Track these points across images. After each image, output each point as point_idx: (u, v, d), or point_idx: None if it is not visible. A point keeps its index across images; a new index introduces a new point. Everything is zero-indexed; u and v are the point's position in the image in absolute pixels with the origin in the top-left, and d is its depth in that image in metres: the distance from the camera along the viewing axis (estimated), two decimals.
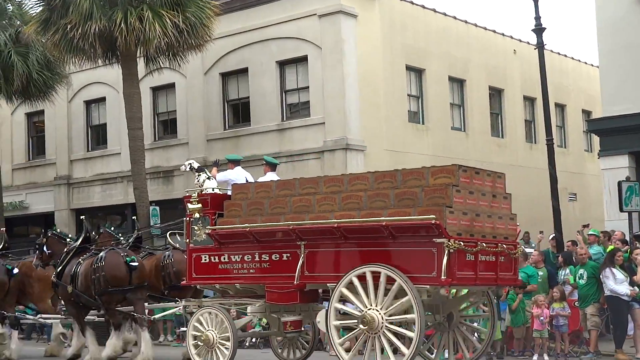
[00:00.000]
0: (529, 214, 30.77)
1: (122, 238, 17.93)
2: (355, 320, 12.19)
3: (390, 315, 11.90)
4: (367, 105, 26.12)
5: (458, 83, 29.97)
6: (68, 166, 32.47)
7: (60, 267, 16.99)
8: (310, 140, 26.03)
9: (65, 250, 17.37)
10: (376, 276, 12.00)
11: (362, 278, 12.13)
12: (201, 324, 13.76)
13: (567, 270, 17.56)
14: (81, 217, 20.06)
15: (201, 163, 27.59)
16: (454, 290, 13.30)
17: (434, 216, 11.64)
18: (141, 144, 25.63)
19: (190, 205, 14.27)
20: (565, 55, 35.41)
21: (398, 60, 27.45)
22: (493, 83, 31.30)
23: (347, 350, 12.56)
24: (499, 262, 12.67)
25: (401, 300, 11.83)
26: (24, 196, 33.68)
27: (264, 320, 15.87)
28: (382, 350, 11.95)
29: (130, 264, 16.08)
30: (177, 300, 16.21)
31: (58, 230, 19.79)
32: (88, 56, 25.30)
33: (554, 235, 21.17)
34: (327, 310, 12.51)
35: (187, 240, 14.39)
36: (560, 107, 34.60)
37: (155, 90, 29.95)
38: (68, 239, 18.03)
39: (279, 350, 15.48)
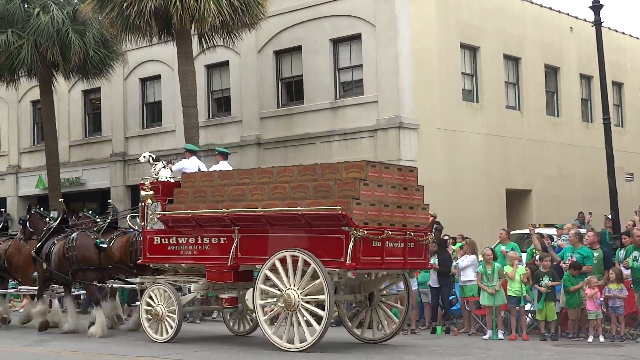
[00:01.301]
0: (585, 193, 30.59)
1: (99, 220, 19.32)
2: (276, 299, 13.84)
3: (306, 295, 13.61)
4: (421, 83, 25.99)
5: (513, 61, 29.66)
6: (124, 143, 32.85)
7: (39, 244, 18.25)
8: (363, 119, 25.99)
9: (44, 228, 18.62)
10: (295, 260, 13.70)
11: (282, 261, 13.82)
12: (152, 299, 15.60)
13: (624, 251, 17.35)
14: (60, 199, 21.40)
15: (254, 141, 28.00)
16: (373, 273, 14.68)
17: (340, 207, 13.27)
18: (195, 122, 25.81)
19: (143, 192, 16.02)
20: (623, 33, 34.87)
21: (452, 37, 27.25)
22: (549, 61, 30.92)
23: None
24: (407, 248, 14.27)
25: (315, 282, 13.49)
26: (80, 172, 34.16)
27: None
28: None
29: (100, 245, 17.35)
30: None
31: (41, 209, 21.06)
32: (144, 34, 25.51)
33: (609, 215, 20.90)
34: (253, 290, 14.26)
35: (142, 223, 16.06)
36: (618, 86, 34.13)
37: (210, 68, 30.12)
38: (48, 219, 19.28)
39: (231, 324, 17.35)
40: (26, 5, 29.57)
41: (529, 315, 17.65)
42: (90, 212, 21.29)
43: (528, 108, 29.82)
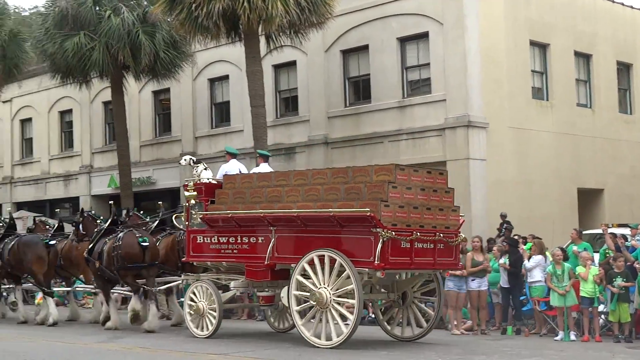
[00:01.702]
0: None
1: (149, 220, 19.98)
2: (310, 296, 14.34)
3: (338, 295, 14.11)
4: (490, 81, 25.74)
5: (584, 58, 29.21)
6: (193, 143, 33.19)
7: (91, 245, 18.91)
8: (431, 117, 25.85)
9: (95, 230, 19.42)
10: (328, 259, 14.14)
11: (314, 261, 14.29)
12: (195, 295, 16.15)
13: None
14: (110, 202, 22.04)
15: (322, 140, 28.06)
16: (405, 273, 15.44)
17: (368, 209, 13.67)
18: (263, 121, 25.96)
19: (186, 193, 16.63)
20: None
21: (521, 35, 26.93)
22: (621, 57, 30.37)
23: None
24: (437, 249, 14.60)
25: (346, 281, 13.98)
26: (151, 172, 34.61)
27: None
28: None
29: (142, 243, 17.89)
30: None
31: (92, 211, 22.03)
32: (212, 35, 25.73)
33: None
34: (288, 288, 14.78)
35: (187, 223, 16.69)
36: None
37: (277, 68, 30.26)
38: (99, 221, 20.11)
39: (271, 320, 17.86)
40: (97, 8, 30.11)
41: (602, 316, 17.38)
42: (141, 212, 21.91)
43: (600, 106, 29.32)
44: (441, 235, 14.66)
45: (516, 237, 20.26)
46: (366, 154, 27.12)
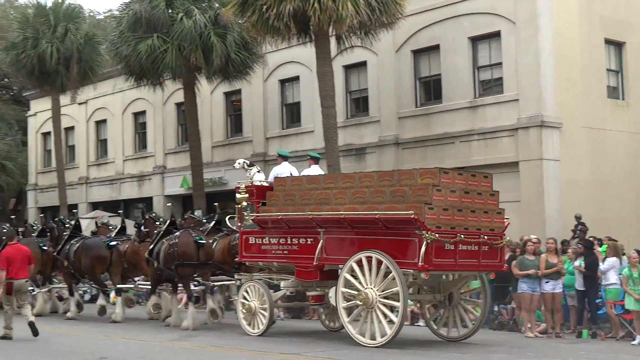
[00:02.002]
0: None
1: (205, 221, 20.76)
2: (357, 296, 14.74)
3: (384, 296, 14.49)
4: (563, 80, 25.36)
5: None
6: (264, 143, 33.39)
7: (151, 246, 19.82)
8: (503, 117, 25.56)
9: (155, 231, 20.32)
10: (372, 260, 14.56)
11: (361, 262, 14.72)
12: (247, 294, 16.80)
13: None
14: (168, 204, 24.06)
15: (392, 141, 27.98)
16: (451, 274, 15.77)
17: (412, 212, 14.04)
18: (334, 122, 25.96)
19: (238, 195, 17.15)
20: None
21: (596, 33, 26.47)
22: None
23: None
24: (481, 251, 14.90)
25: (392, 281, 14.34)
26: (222, 172, 34.91)
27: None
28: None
29: (199, 242, 18.70)
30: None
31: (153, 214, 22.87)
32: (283, 36, 25.83)
33: None
34: (336, 288, 15.23)
35: (239, 224, 17.29)
36: None
37: (347, 68, 30.26)
38: (158, 222, 20.95)
39: (323, 318, 18.41)
40: (170, 11, 30.46)
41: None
42: (196, 213, 23.07)
43: None
44: (485, 237, 14.98)
45: (591, 239, 19.93)
46: (437, 155, 26.96)
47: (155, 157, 38.81)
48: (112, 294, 22.60)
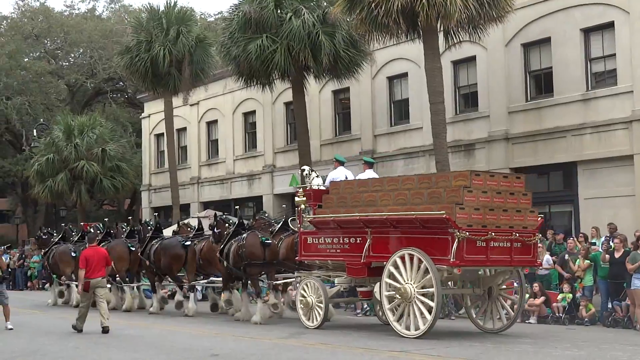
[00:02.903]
0: None
1: (273, 221, 21.68)
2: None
3: (421, 288, 15.57)
4: None
5: None
6: (372, 141, 33.42)
7: (222, 247, 21.02)
8: (617, 110, 24.95)
9: (225, 232, 21.36)
10: (411, 257, 15.72)
11: (402, 259, 15.86)
12: (305, 290, 17.98)
13: None
14: (236, 207, 24.60)
15: (502, 136, 27.61)
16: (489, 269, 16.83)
17: (444, 212, 15.18)
18: (443, 118, 25.80)
19: (297, 199, 18.59)
20: None
21: None
22: None
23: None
24: (513, 247, 15.89)
25: (426, 275, 15.49)
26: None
27: None
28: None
29: (265, 242, 19.84)
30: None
31: (224, 215, 23.60)
32: (391, 33, 25.81)
33: None
34: (380, 283, 16.32)
35: (299, 225, 18.62)
36: None
37: (456, 64, 30.04)
38: (228, 224, 21.90)
39: (380, 314, 19.00)
40: (279, 11, 30.77)
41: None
42: (266, 214, 24.40)
43: None
44: (517, 234, 15.93)
45: None
46: (548, 149, 26.52)
47: (264, 156, 39.29)
48: (223, 293, 22.86)
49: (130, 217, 34.76)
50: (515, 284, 17.80)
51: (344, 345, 15.26)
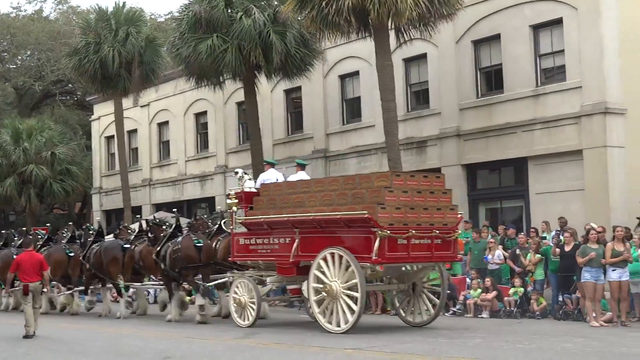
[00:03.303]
0: None
1: (210, 224, 21.85)
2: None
3: (346, 287, 16.15)
4: (628, 66, 24.86)
5: None
6: (325, 140, 33.39)
7: (158, 249, 21.57)
8: (566, 106, 25.20)
9: (162, 235, 22.02)
10: (335, 256, 16.36)
11: (327, 258, 16.45)
12: (238, 290, 18.39)
13: None
14: (173, 210, 25.32)
15: (454, 132, 27.76)
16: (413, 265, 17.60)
17: (366, 212, 15.86)
18: (394, 116, 25.84)
19: (229, 201, 19.20)
20: None
21: None
22: None
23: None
24: (434, 244, 16.58)
25: (351, 273, 16.13)
26: (284, 170, 34.81)
27: None
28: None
29: (197, 245, 20.45)
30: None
31: (157, 219, 24.52)
32: (342, 31, 25.79)
33: None
34: (308, 282, 16.88)
35: (231, 227, 19.10)
36: None
37: (407, 61, 30.12)
38: (164, 227, 22.64)
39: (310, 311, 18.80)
40: (229, 10, 30.59)
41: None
42: (205, 215, 24.75)
43: None
44: (437, 232, 16.58)
45: None
46: (499, 145, 26.71)
47: (217, 156, 39.08)
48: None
49: (70, 223, 34.24)
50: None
51: (299, 345, 15.20)
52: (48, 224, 35.10)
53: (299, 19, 27.86)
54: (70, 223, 35.16)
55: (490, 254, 22.03)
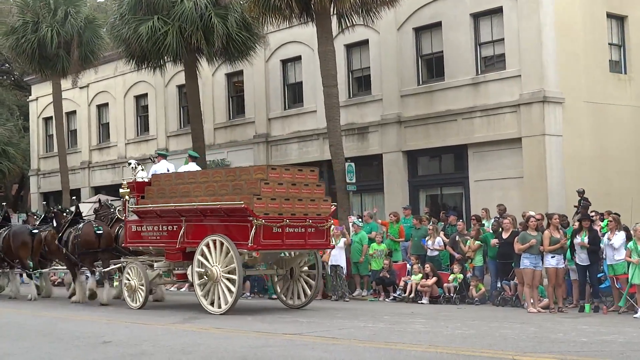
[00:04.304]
0: None
1: (117, 210, 22.20)
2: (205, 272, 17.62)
3: (226, 271, 17.25)
4: (566, 55, 25.29)
5: None
6: (266, 124, 33.34)
7: (60, 235, 22.38)
8: (505, 94, 25.51)
9: (63, 221, 22.84)
10: (216, 243, 17.43)
11: (209, 244, 17.52)
12: (129, 274, 19.41)
13: None
14: (73, 197, 26.19)
15: (395, 119, 27.94)
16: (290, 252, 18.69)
17: (243, 202, 16.98)
18: (336, 101, 25.91)
19: (121, 190, 20.25)
20: None
21: (598, 7, 26.39)
22: None
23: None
24: (308, 232, 17.77)
25: (230, 259, 17.21)
26: (225, 154, 34.89)
27: None
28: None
29: (97, 231, 21.23)
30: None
31: (59, 206, 25.54)
32: (284, 15, 25.75)
33: None
34: (192, 266, 18.01)
35: (125, 214, 20.11)
36: None
37: (349, 47, 30.18)
38: (65, 213, 23.69)
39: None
40: None
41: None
42: (110, 203, 25.34)
43: None
44: (311, 221, 17.75)
45: (592, 214, 19.92)
46: (439, 132, 26.94)
47: (157, 140, 38.76)
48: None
49: (22, 204, 33.79)
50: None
51: (239, 330, 15.16)
52: None
53: (241, 2, 27.72)
54: (4, 204, 34.71)
55: (430, 240, 22.26)
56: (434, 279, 21.17)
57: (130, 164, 20.98)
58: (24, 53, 36.86)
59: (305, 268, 19.22)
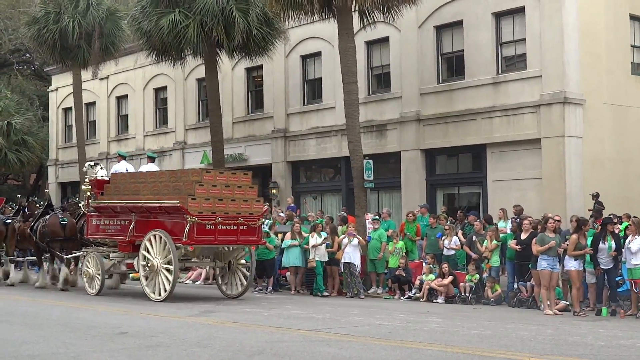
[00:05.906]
0: None
1: (81, 204, 23.90)
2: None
3: (165, 262, 19.17)
4: (587, 56, 25.15)
5: None
6: (285, 120, 33.34)
7: (33, 224, 24.66)
8: (526, 94, 25.41)
9: (35, 212, 25.24)
10: (157, 237, 19.36)
11: (151, 239, 19.49)
12: (88, 263, 21.48)
13: None
14: (46, 190, 26.76)
15: (414, 117, 27.88)
16: (227, 247, 20.60)
17: (178, 201, 19.00)
18: (355, 98, 25.84)
19: (83, 187, 22.71)
20: None
21: (621, 8, 26.24)
22: None
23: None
24: (240, 229, 19.68)
25: (168, 251, 19.14)
26: (243, 149, 34.93)
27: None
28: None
29: (62, 222, 23.42)
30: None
31: (35, 197, 27.50)
32: (305, 11, 25.69)
33: None
34: (138, 258, 19.99)
35: (87, 209, 22.19)
36: None
37: (370, 44, 30.13)
38: (38, 205, 26.01)
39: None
40: None
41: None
42: (77, 198, 27.36)
43: None
44: (242, 219, 19.65)
45: (611, 217, 19.81)
46: (459, 131, 26.86)
47: (175, 133, 38.84)
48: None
49: (40, 193, 33.95)
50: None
51: (254, 324, 15.19)
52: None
53: None
54: (19, 195, 35.35)
55: (447, 239, 22.21)
56: (450, 278, 21.13)
57: (90, 164, 23.27)
58: (45, 43, 36.94)
59: (243, 261, 20.87)
